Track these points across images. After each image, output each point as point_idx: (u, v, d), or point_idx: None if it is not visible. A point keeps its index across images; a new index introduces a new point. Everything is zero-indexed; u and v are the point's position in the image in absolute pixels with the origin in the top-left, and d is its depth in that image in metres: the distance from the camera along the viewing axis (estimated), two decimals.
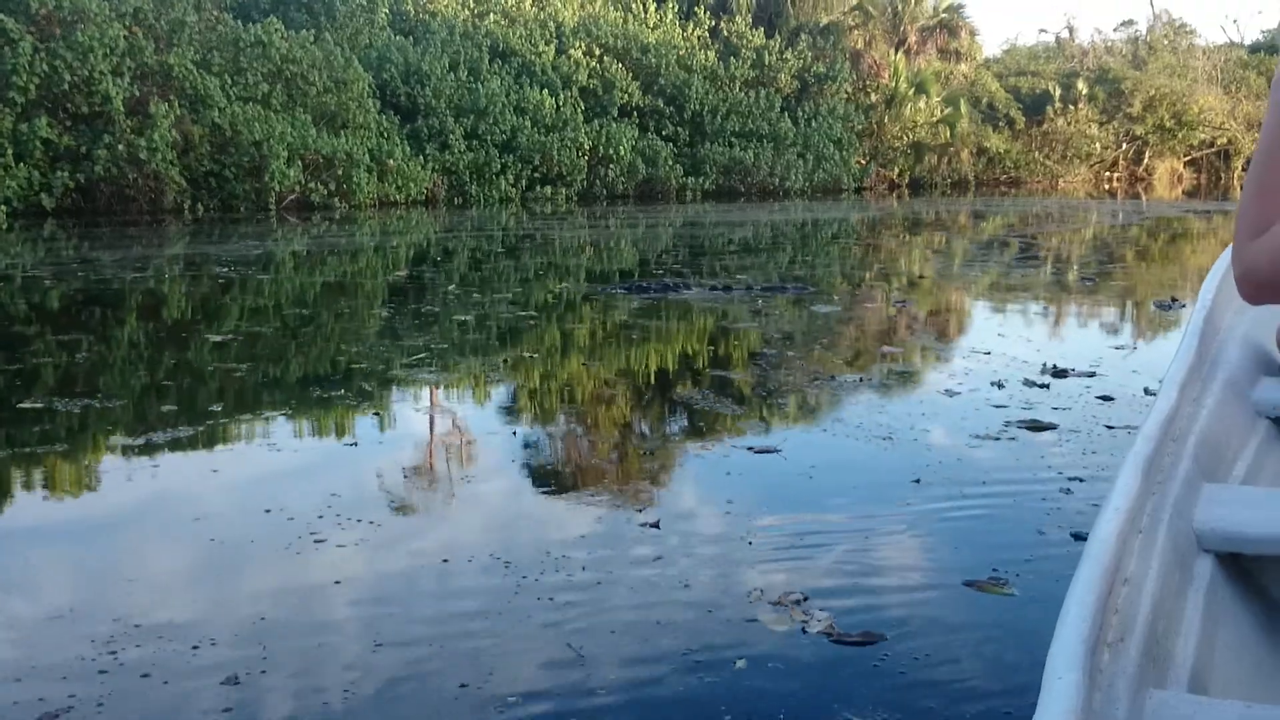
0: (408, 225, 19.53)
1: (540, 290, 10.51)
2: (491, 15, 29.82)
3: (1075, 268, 12.89)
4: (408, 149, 24.64)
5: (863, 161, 35.71)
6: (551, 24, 29.91)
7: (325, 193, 22.11)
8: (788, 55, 33.56)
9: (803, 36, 34.91)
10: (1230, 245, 1.42)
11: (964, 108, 37.97)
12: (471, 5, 30.27)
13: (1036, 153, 41.02)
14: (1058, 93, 42.37)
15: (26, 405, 5.34)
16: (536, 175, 26.88)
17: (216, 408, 5.37)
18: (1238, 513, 2.00)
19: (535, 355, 6.99)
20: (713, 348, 7.28)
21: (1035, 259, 14.33)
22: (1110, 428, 4.83)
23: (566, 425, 5.23)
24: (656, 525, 3.61)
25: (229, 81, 21.56)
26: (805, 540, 3.50)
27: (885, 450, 4.56)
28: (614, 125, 28.39)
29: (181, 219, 19.72)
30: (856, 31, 37.64)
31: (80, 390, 5.69)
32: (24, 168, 18.68)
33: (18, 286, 10.33)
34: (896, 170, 36.97)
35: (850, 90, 35.61)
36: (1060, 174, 41.35)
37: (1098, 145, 43.00)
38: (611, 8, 31.61)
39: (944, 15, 40.79)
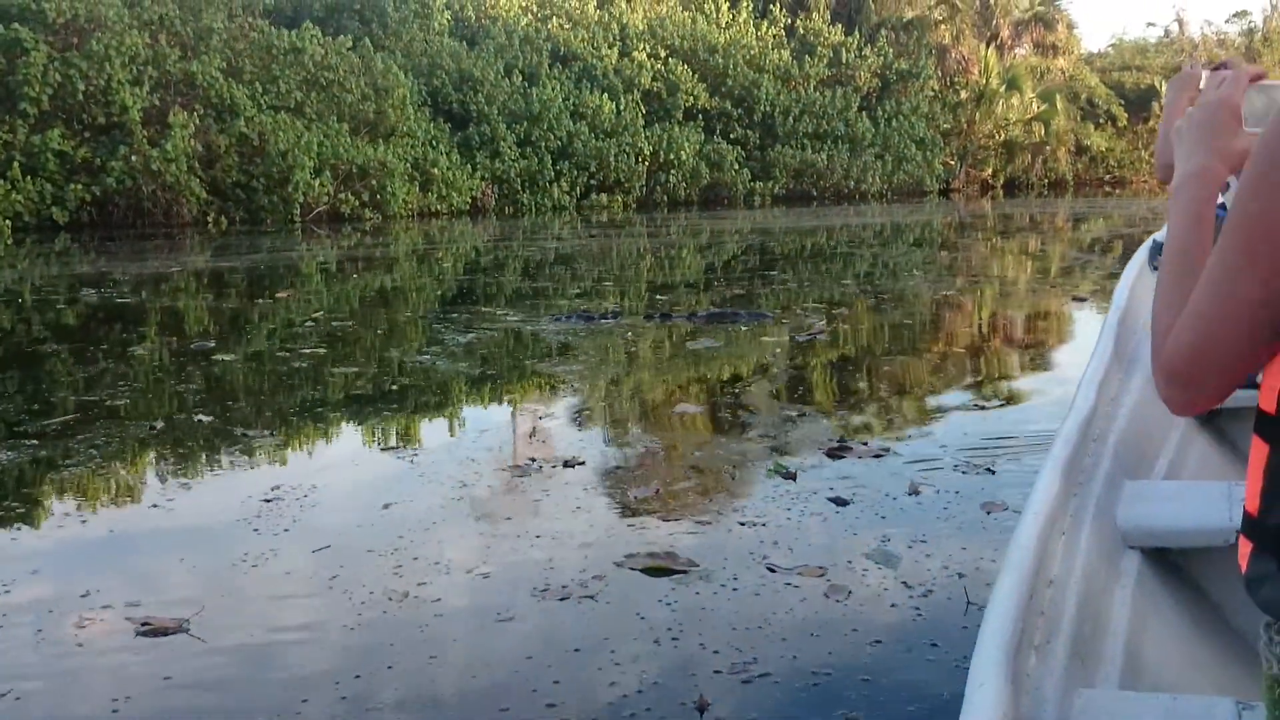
0: (425, 240, 17.85)
1: (449, 320, 8.77)
2: (554, 19, 28.36)
3: (1077, 285, 10.39)
4: (457, 157, 23.27)
5: (950, 162, 33.44)
6: (615, 26, 28.38)
7: (356, 204, 20.68)
8: (867, 52, 31.52)
9: (884, 32, 32.84)
10: (1150, 239, 2.06)
11: (1060, 104, 35.40)
12: (535, 9, 28.83)
13: (1143, 150, 38.28)
14: (1164, 88, 39.63)
15: None
16: (593, 182, 25.35)
17: None
18: (1161, 507, 1.98)
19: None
20: (461, 403, 5.56)
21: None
22: (773, 570, 2.97)
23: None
24: None
25: (260, 90, 20.33)
26: None
27: (354, 635, 2.67)
28: (676, 129, 26.73)
29: (206, 232, 18.49)
30: (943, 26, 35.41)
31: None
32: (34, 181, 17.64)
33: None
34: (990, 170, 34.62)
35: (936, 87, 33.40)
36: None
37: None
38: (681, 9, 29.92)
39: (1040, 8, 38.31)
